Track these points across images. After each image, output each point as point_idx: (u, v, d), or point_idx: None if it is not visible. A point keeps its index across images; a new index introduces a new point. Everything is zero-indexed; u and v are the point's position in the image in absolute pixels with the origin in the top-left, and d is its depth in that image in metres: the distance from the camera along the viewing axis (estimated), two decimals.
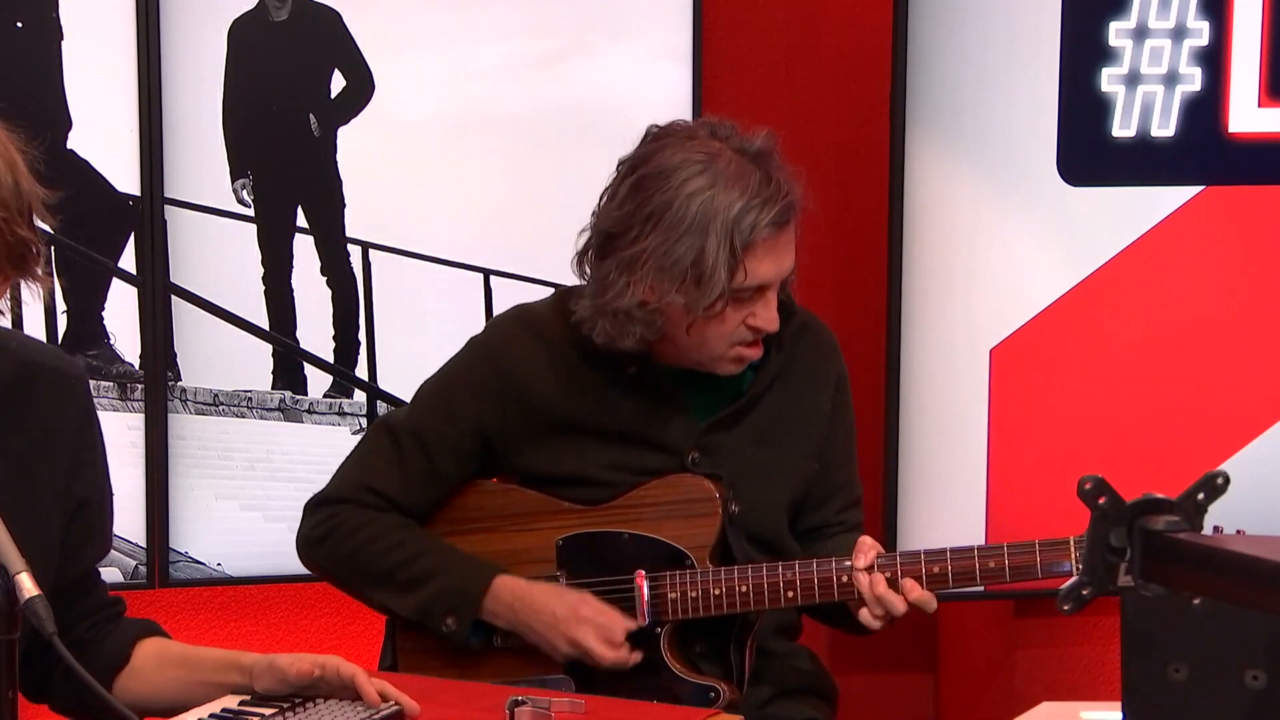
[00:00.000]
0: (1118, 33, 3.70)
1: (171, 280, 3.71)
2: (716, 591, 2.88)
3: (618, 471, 2.94)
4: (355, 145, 3.76)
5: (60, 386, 2.47)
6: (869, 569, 2.84)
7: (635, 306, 2.81)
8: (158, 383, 3.71)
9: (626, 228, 2.82)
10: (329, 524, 2.96)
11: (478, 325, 3.14)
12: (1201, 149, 3.73)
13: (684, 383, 2.96)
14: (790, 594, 2.87)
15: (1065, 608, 1.84)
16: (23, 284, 2.29)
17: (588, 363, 2.93)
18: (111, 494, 2.55)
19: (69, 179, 3.62)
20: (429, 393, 3.00)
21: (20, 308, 2.33)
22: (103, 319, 3.69)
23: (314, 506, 2.99)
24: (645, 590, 2.90)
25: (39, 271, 2.29)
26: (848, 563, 2.85)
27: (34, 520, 2.37)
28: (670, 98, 3.79)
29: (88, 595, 2.53)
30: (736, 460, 2.96)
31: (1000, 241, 3.75)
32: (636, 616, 2.91)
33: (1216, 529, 2.53)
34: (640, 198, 2.81)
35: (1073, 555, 2.81)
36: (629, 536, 2.93)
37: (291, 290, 3.77)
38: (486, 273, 3.81)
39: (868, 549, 2.86)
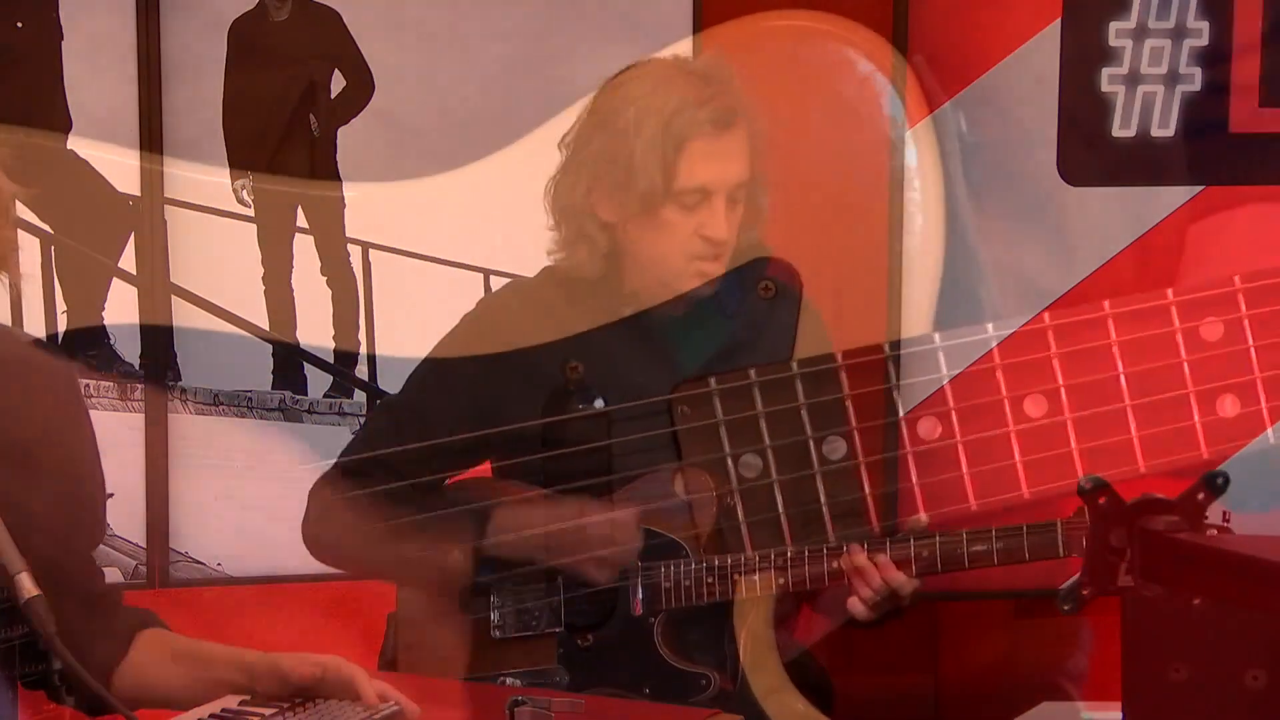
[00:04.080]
0: (1118, 33, 3.69)
1: (171, 280, 3.71)
2: (709, 580, 2.90)
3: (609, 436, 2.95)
4: (355, 145, 3.76)
5: (48, 378, 2.48)
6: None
7: (588, 219, 2.92)
8: (158, 383, 3.70)
9: (577, 138, 2.95)
10: (331, 501, 2.99)
11: None
12: (1202, 149, 3.73)
13: (671, 334, 2.98)
14: (781, 582, 2.89)
15: (1065, 608, 1.85)
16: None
17: (579, 319, 2.96)
18: (104, 482, 2.56)
19: (69, 179, 3.64)
20: (425, 367, 3.05)
21: (20, 308, 2.34)
22: (103, 319, 3.69)
23: (318, 488, 3.03)
24: (639, 579, 2.91)
25: (17, 270, 2.31)
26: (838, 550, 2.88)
27: (28, 512, 2.37)
28: None
29: (84, 584, 2.52)
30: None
31: (1000, 241, 3.75)
32: (630, 607, 2.92)
33: (1225, 522, 2.53)
34: (590, 110, 2.95)
35: (1059, 537, 2.85)
36: None
37: (291, 290, 3.77)
38: (486, 273, 3.81)
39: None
